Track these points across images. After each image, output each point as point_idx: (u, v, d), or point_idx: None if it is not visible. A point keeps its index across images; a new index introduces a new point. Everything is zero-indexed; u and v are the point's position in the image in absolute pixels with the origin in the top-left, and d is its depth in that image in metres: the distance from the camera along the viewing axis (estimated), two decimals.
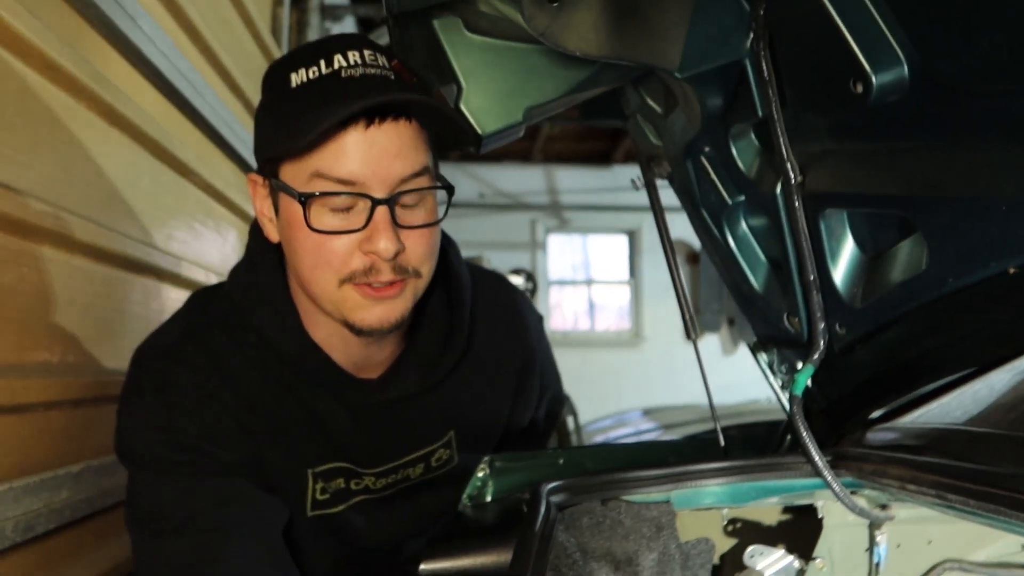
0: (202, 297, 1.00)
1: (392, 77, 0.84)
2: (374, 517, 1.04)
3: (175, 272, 1.51)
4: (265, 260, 0.95)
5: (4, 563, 0.97)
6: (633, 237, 7.81)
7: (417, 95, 0.83)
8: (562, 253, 7.97)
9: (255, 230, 0.97)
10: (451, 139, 0.91)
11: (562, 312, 7.92)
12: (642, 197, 1.19)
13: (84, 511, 1.12)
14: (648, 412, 4.20)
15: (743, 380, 3.10)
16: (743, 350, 7.17)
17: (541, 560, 0.80)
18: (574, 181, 7.63)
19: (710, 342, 7.03)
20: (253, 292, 0.94)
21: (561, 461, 1.17)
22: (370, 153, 0.82)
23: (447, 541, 0.95)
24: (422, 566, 0.91)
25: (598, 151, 7.45)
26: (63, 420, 1.10)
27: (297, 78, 0.83)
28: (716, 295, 6.85)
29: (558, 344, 1.28)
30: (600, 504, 0.96)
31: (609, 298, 8.06)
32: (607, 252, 8.04)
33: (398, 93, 0.83)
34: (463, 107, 0.88)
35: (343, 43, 0.85)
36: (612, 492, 0.96)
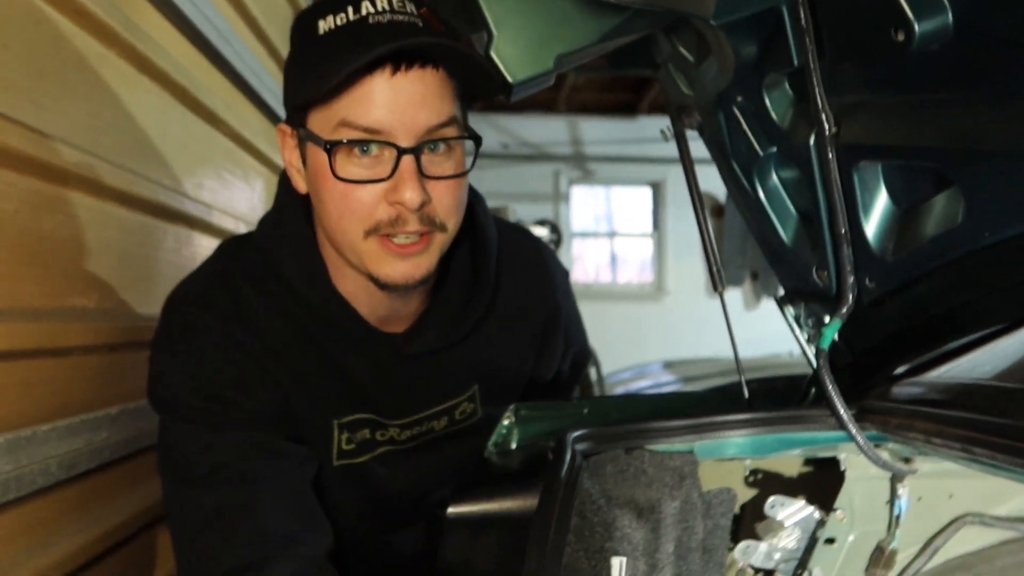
0: (232, 246, 1.01)
1: (420, 24, 0.83)
2: (398, 467, 1.06)
3: (206, 220, 1.53)
4: (293, 211, 0.95)
5: (49, 498, 1.01)
6: (657, 189, 7.72)
7: (443, 40, 0.82)
8: (585, 205, 7.91)
9: (284, 181, 0.97)
10: (479, 88, 0.89)
11: (584, 264, 7.90)
12: (667, 149, 1.17)
13: (122, 452, 1.15)
14: (669, 365, 4.21)
15: (765, 334, 3.08)
16: (766, 304, 7.13)
17: (567, 506, 0.82)
18: (598, 132, 7.52)
19: (733, 296, 6.99)
20: (281, 243, 0.95)
21: (585, 411, 1.19)
22: (396, 101, 0.81)
23: (473, 486, 0.97)
24: (449, 509, 0.93)
25: (624, 102, 7.33)
26: (101, 364, 1.13)
27: (324, 25, 0.83)
28: (740, 249, 6.79)
29: (580, 296, 1.28)
30: (624, 453, 0.97)
31: (631, 251, 8.01)
32: (630, 204, 7.96)
33: (425, 38, 0.82)
34: (493, 55, 0.87)
35: None
36: (636, 441, 0.97)
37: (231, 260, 0.97)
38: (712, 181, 1.20)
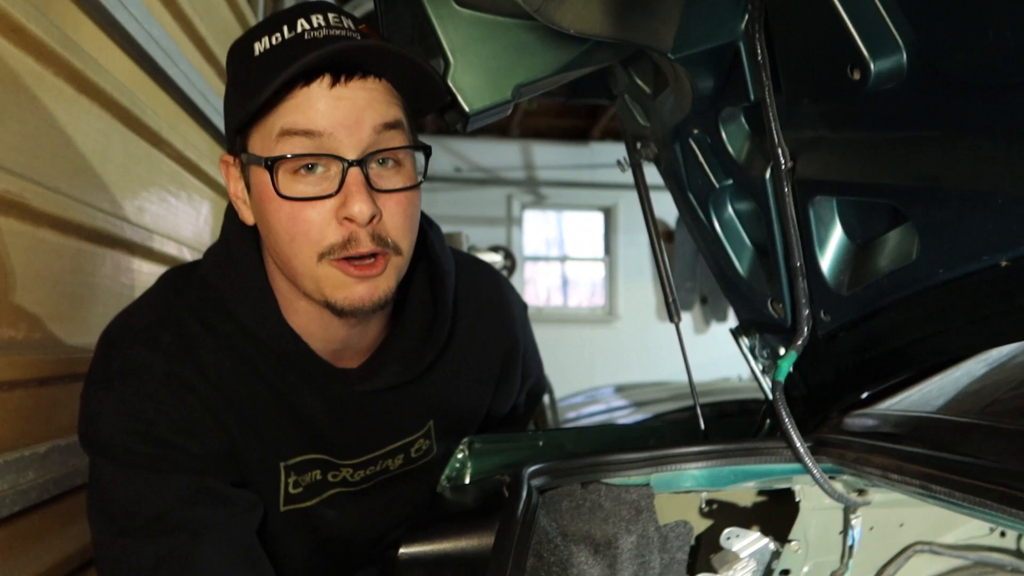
0: (175, 278, 0.95)
1: (358, 37, 0.80)
2: (350, 510, 1.02)
3: (147, 246, 1.46)
4: (242, 242, 0.90)
5: None
6: (609, 214, 7.81)
7: (382, 43, 0.79)
8: (537, 229, 7.95)
9: (230, 213, 0.92)
10: (427, 98, 0.86)
11: (536, 287, 7.93)
12: (618, 175, 1.18)
13: (51, 492, 1.08)
14: (620, 389, 4.23)
15: (715, 358, 3.12)
16: (715, 328, 7.24)
17: (523, 546, 0.79)
18: (551, 157, 7.59)
19: (683, 320, 7.09)
20: (229, 276, 0.90)
21: (541, 443, 1.17)
22: (338, 105, 0.78)
23: (427, 525, 0.94)
24: (401, 550, 0.90)
25: (576, 127, 7.42)
26: (29, 399, 1.06)
27: (260, 46, 0.80)
28: (689, 273, 6.89)
29: (532, 319, 1.26)
30: (580, 487, 0.95)
31: (582, 274, 8.07)
32: (582, 229, 8.03)
33: (362, 42, 0.79)
34: (451, 84, 0.85)
35: (306, 8, 0.81)
36: (592, 475, 0.96)
37: (175, 293, 0.92)
38: (662, 206, 1.21)
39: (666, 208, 1.17)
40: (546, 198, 7.68)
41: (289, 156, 0.79)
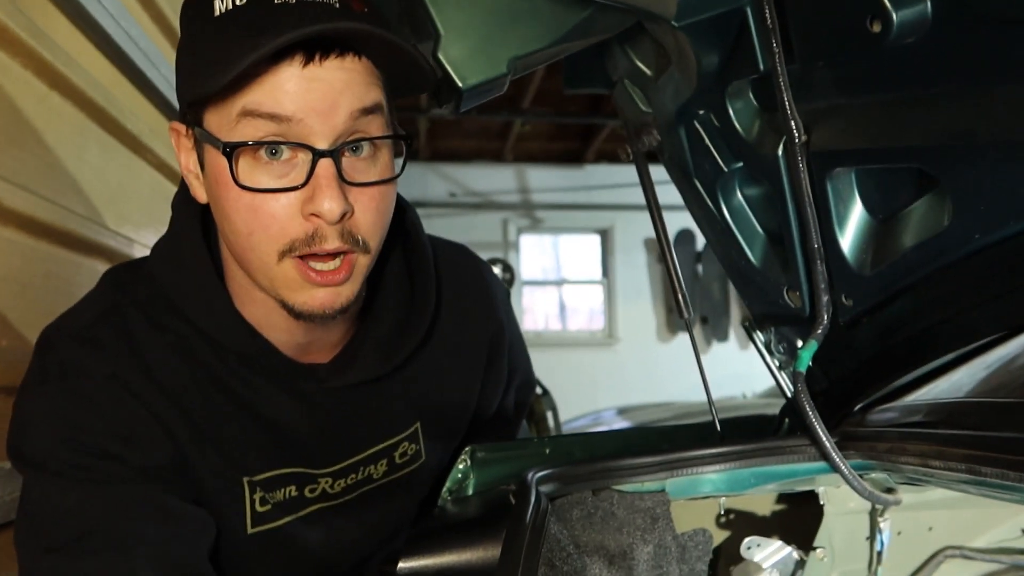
0: (120, 274, 0.86)
1: (336, 5, 0.71)
2: (331, 527, 0.92)
3: (127, 255, 1.40)
4: (190, 230, 0.82)
5: None
6: (605, 236, 7.80)
7: (362, 24, 0.70)
8: (534, 254, 7.93)
9: (181, 192, 0.84)
10: (409, 80, 0.78)
11: (534, 314, 7.88)
12: (614, 196, 1.14)
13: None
14: (623, 411, 4.19)
15: (717, 378, 3.06)
16: (716, 348, 7.21)
17: (533, 553, 0.73)
18: (546, 180, 7.60)
19: (684, 340, 7.05)
20: (177, 269, 0.82)
21: (547, 450, 1.10)
22: (310, 88, 0.69)
23: (427, 536, 0.87)
24: (400, 564, 0.83)
25: (570, 150, 7.44)
26: None
27: (221, 5, 0.70)
28: (689, 292, 6.90)
29: (532, 344, 1.20)
30: (591, 494, 0.89)
31: (580, 299, 8.04)
32: (579, 252, 8.02)
33: (343, 21, 0.70)
34: (441, 57, 0.80)
35: None
36: (604, 481, 0.90)
37: (119, 291, 0.83)
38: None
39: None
40: (542, 221, 7.67)
41: (251, 143, 0.70)
